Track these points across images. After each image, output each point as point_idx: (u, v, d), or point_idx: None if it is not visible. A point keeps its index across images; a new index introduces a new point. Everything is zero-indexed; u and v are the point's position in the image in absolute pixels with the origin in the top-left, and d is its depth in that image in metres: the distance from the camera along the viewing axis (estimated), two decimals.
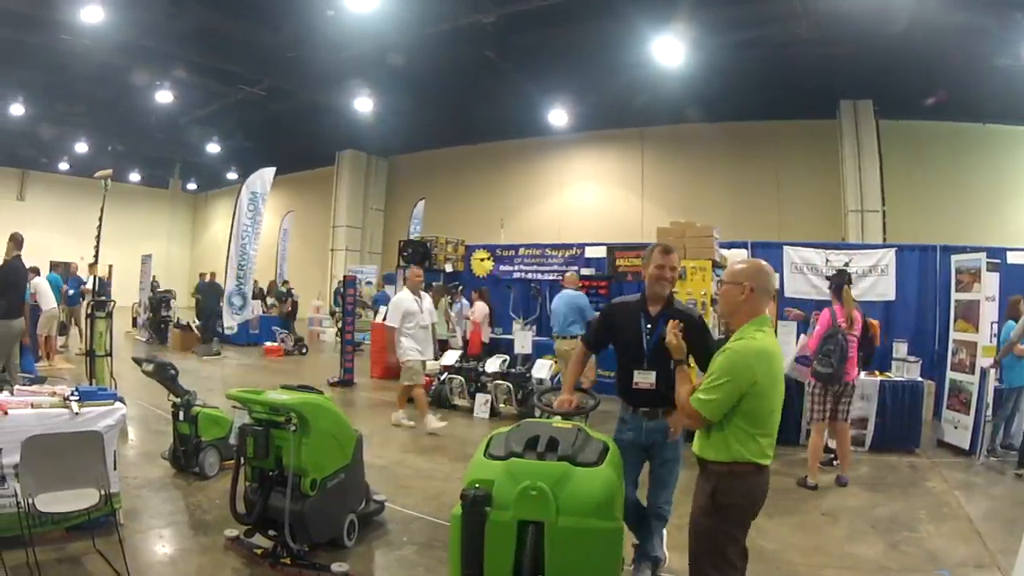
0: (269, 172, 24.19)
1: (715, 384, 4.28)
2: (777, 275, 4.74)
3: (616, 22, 16.94)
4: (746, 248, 15.17)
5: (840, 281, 10.22)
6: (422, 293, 12.91)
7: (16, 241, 11.90)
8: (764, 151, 24.39)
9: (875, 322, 11.39)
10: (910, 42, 16.01)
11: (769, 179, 24.16)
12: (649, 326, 5.82)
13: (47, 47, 20.99)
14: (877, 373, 12.16)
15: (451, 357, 15.38)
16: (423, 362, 12.81)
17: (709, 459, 4.39)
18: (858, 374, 10.33)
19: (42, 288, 18.10)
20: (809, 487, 9.50)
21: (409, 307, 12.35)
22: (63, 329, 21.20)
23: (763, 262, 4.75)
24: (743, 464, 4.29)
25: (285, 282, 28.89)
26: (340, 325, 20.11)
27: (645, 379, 5.68)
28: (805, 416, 11.25)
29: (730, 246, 14.36)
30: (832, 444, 10.52)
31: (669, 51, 17.43)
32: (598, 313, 6.84)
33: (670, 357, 5.03)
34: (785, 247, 15.45)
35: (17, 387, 7.19)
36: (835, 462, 10.44)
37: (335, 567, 6.05)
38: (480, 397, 14.34)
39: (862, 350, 10.19)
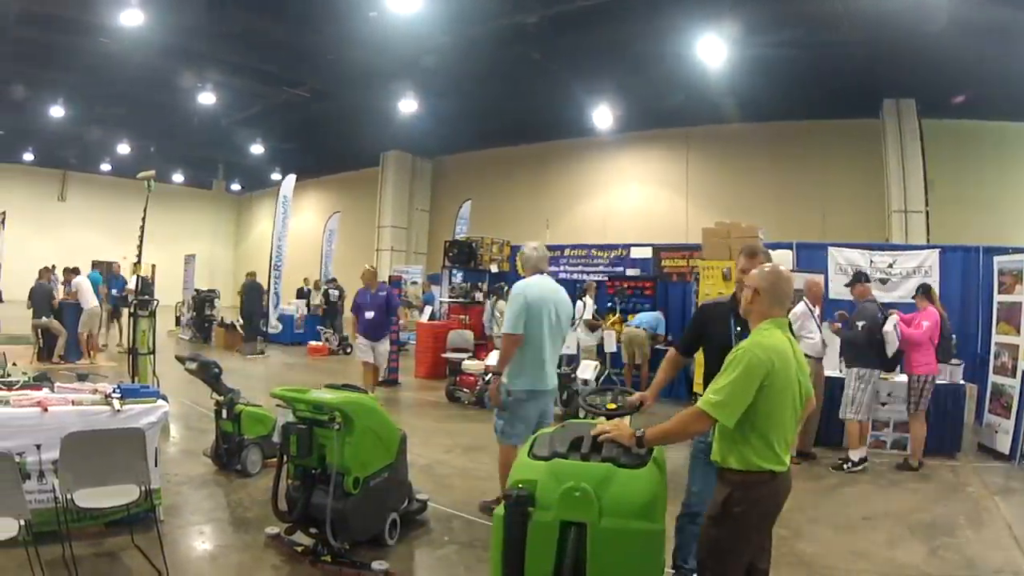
0: (291, 179, 25.70)
1: (728, 385, 4.19)
2: (793, 280, 4.79)
3: (659, 22, 16.88)
4: (791, 249, 15.11)
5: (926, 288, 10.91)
6: None
7: None
8: (808, 151, 24.16)
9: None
10: (950, 40, 15.78)
11: (813, 179, 23.93)
12: (739, 328, 5.74)
13: (86, 50, 21.21)
14: None
15: (495, 357, 15.25)
16: None
17: (725, 467, 4.36)
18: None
19: (83, 286, 18.34)
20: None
21: None
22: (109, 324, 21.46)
23: (781, 268, 4.73)
24: (758, 472, 4.25)
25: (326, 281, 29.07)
26: None
27: None
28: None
29: (775, 247, 14.26)
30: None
31: (712, 50, 17.35)
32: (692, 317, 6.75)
33: None
34: (829, 248, 15.38)
35: (58, 384, 7.26)
36: (846, 466, 10.56)
37: (375, 565, 6.06)
38: None
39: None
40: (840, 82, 19.62)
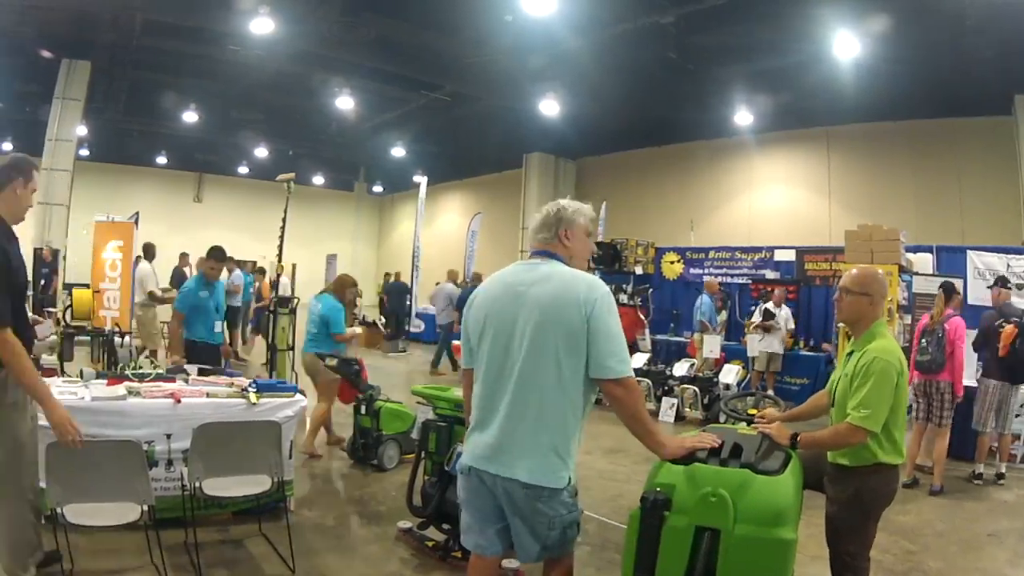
0: (424, 181, 27.27)
1: (872, 395, 4.54)
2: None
3: (795, 18, 16.61)
4: (931, 252, 14.71)
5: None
6: None
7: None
8: (945, 150, 23.20)
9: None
10: None
11: (952, 179, 23.04)
12: None
13: (216, 58, 21.82)
14: None
15: (639, 360, 15.21)
16: None
17: (850, 465, 4.72)
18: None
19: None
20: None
21: None
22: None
23: (877, 270, 5.19)
24: (885, 466, 4.68)
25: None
26: None
27: None
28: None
29: (915, 250, 13.94)
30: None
31: (847, 47, 17.03)
32: None
33: None
34: (968, 252, 14.93)
35: (192, 377, 7.45)
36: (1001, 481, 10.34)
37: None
38: (666, 401, 14.16)
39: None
40: (973, 77, 18.91)
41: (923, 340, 9.90)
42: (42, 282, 20.44)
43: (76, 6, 18.60)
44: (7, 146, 34.32)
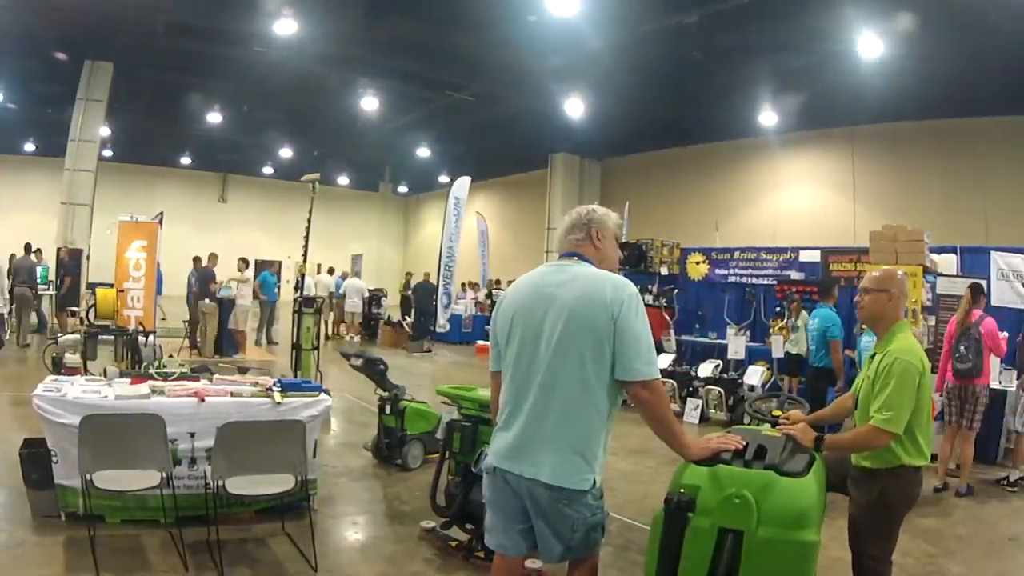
0: (466, 180, 25.42)
1: (894, 397, 4.52)
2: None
3: (818, 18, 16.56)
4: (955, 253, 14.61)
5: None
6: None
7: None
8: (968, 150, 23.28)
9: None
10: None
11: (978, 179, 22.94)
12: None
13: (240, 59, 21.88)
14: None
15: (664, 361, 15.14)
16: None
17: (874, 467, 4.72)
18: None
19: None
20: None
21: None
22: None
23: (898, 270, 5.20)
24: (909, 468, 4.64)
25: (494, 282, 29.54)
26: None
27: None
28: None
29: (939, 251, 13.85)
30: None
31: (872, 47, 17.04)
32: None
33: None
34: (992, 252, 14.79)
35: (216, 376, 7.48)
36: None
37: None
38: (691, 402, 14.16)
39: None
40: (996, 77, 18.78)
41: (960, 346, 9.70)
42: (58, 282, 20.58)
43: (98, 8, 18.69)
44: (30, 147, 34.61)
